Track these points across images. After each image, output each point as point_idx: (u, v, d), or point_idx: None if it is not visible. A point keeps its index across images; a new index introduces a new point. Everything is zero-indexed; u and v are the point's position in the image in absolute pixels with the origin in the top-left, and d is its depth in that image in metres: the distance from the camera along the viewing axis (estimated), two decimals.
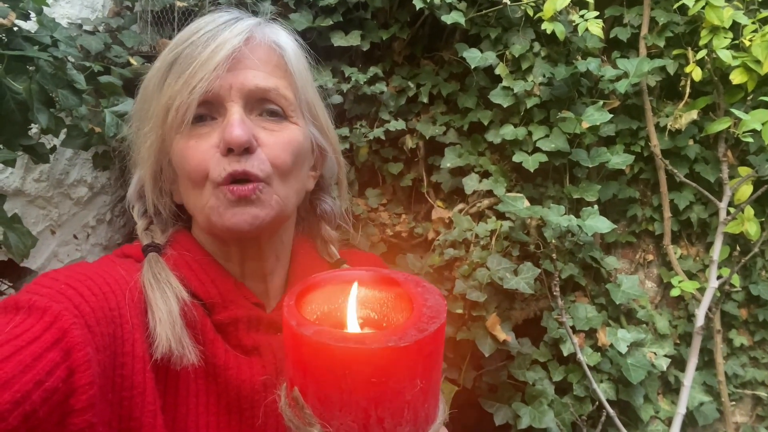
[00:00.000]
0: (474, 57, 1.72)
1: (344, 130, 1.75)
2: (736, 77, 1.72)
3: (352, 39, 1.73)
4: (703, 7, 1.72)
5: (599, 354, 1.73)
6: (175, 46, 0.69)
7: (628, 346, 1.71)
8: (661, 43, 1.87)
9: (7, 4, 0.96)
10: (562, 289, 1.76)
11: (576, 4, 1.82)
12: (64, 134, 1.19)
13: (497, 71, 1.76)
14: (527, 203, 1.67)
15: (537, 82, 1.75)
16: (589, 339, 1.76)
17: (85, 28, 1.55)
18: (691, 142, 1.91)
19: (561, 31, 1.69)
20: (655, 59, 1.81)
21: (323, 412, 0.48)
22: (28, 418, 0.47)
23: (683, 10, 1.83)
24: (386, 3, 1.76)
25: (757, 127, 1.56)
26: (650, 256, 2.00)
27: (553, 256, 1.67)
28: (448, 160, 1.80)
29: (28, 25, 1.04)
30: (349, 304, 0.56)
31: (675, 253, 1.95)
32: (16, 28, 0.98)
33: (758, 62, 1.68)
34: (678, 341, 1.94)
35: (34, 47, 1.00)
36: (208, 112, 0.68)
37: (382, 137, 1.77)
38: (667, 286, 1.95)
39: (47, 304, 0.54)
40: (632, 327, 1.82)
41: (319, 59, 0.86)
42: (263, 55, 0.70)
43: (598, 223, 1.60)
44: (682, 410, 1.69)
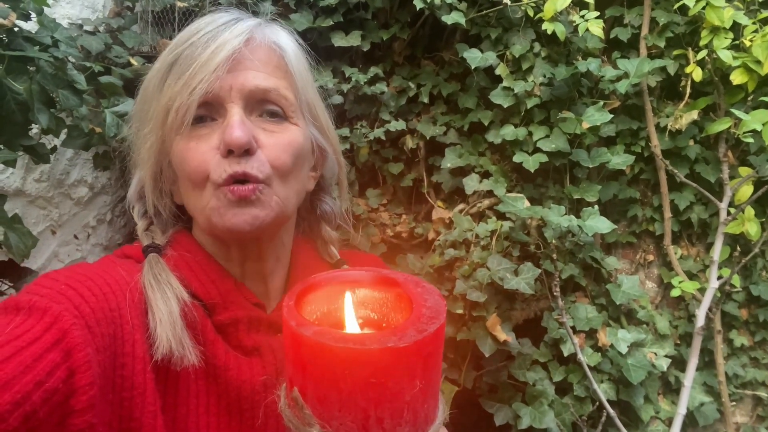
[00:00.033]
0: (474, 57, 1.72)
1: (345, 131, 1.75)
2: (737, 77, 1.72)
3: (353, 39, 1.73)
4: (704, 8, 1.72)
5: (599, 354, 1.73)
6: (175, 46, 0.69)
7: (628, 347, 1.71)
8: (662, 44, 1.87)
9: (8, 5, 0.96)
10: (562, 290, 1.76)
11: (576, 4, 1.82)
12: (64, 134, 1.19)
13: (498, 71, 1.76)
14: (527, 203, 1.67)
15: (537, 83, 1.75)
16: (590, 339, 1.76)
17: (85, 28, 1.55)
18: (692, 143, 1.91)
19: (561, 32, 1.69)
20: (655, 59, 1.81)
21: (323, 412, 0.48)
22: (28, 419, 0.47)
23: (684, 10, 1.83)
24: (387, 3, 1.76)
25: (758, 128, 1.56)
26: (651, 257, 2.00)
27: (554, 256, 1.67)
28: (449, 161, 1.80)
29: (29, 26, 1.04)
30: (346, 309, 0.56)
31: (675, 254, 1.95)
32: (17, 29, 0.98)
33: (759, 62, 1.68)
34: (678, 341, 1.94)
35: (35, 47, 1.00)
36: (208, 113, 0.68)
37: (383, 137, 1.77)
38: (668, 286, 1.95)
39: (47, 304, 0.54)
40: (632, 327, 1.82)
41: (320, 59, 0.86)
42: (263, 56, 0.70)
43: (599, 224, 1.60)
44: (682, 410, 1.69)
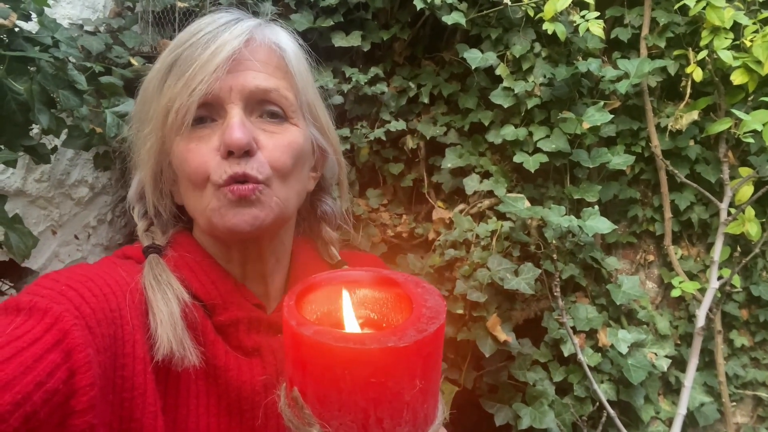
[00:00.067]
0: (475, 57, 1.73)
1: (345, 131, 1.75)
2: (737, 78, 1.72)
3: (353, 39, 1.73)
4: (704, 8, 1.72)
5: (600, 354, 1.73)
6: (175, 47, 0.68)
7: (628, 347, 1.71)
8: (662, 44, 1.88)
9: (8, 5, 0.96)
10: (562, 290, 1.76)
11: (577, 4, 1.82)
12: (65, 135, 1.19)
13: (498, 72, 1.76)
14: (528, 204, 1.67)
15: (538, 83, 1.75)
16: (590, 339, 1.76)
17: (86, 28, 1.55)
18: (692, 143, 1.91)
19: (562, 32, 1.69)
20: (655, 60, 1.81)
21: (322, 412, 0.48)
22: (28, 420, 0.47)
23: (684, 10, 1.83)
24: (387, 3, 1.76)
25: (758, 128, 1.56)
26: (651, 257, 2.00)
27: (554, 256, 1.67)
28: (449, 161, 1.80)
29: (30, 26, 1.04)
30: (344, 307, 0.56)
31: (676, 254, 1.95)
32: (18, 29, 0.98)
33: (759, 63, 1.68)
34: (679, 342, 1.94)
35: (35, 48, 1.00)
36: (208, 114, 0.68)
37: (383, 138, 1.77)
38: (668, 286, 1.95)
39: (48, 305, 0.54)
40: (633, 327, 1.82)
41: (320, 60, 0.86)
42: (263, 57, 0.70)
43: (599, 224, 1.60)
44: (682, 411, 1.69)
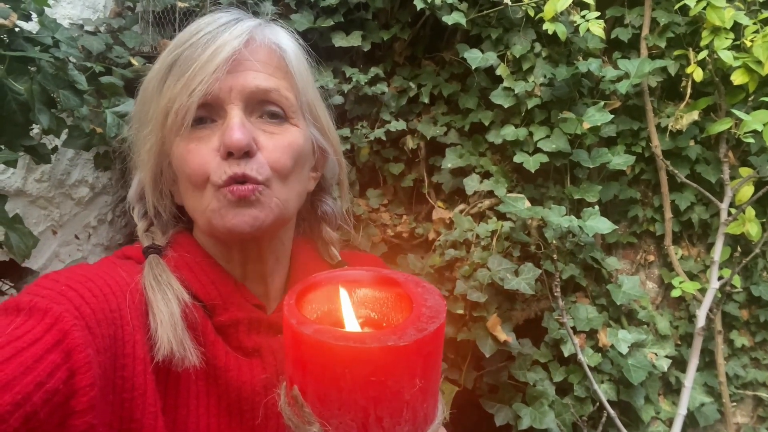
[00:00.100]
0: (475, 57, 1.73)
1: (345, 131, 1.75)
2: (737, 78, 1.72)
3: (353, 39, 1.73)
4: (705, 8, 1.72)
5: (600, 355, 1.73)
6: (175, 47, 0.68)
7: (628, 347, 1.71)
8: (662, 44, 1.87)
9: (9, 5, 0.97)
10: (562, 290, 1.76)
11: (577, 4, 1.82)
12: (65, 135, 1.19)
13: (498, 72, 1.76)
14: (528, 204, 1.67)
15: (538, 83, 1.75)
16: (590, 340, 1.76)
17: (86, 28, 1.55)
18: (692, 143, 1.91)
19: (562, 32, 1.69)
20: (656, 60, 1.81)
21: (322, 410, 0.48)
22: (28, 420, 0.47)
23: (684, 10, 1.83)
24: (387, 3, 1.76)
25: (758, 128, 1.56)
26: (651, 257, 2.00)
27: (554, 256, 1.67)
28: (449, 161, 1.80)
29: (30, 26, 1.04)
30: (343, 306, 0.56)
31: (676, 254, 1.95)
32: (18, 29, 0.98)
33: (759, 63, 1.68)
34: (679, 342, 1.94)
35: (36, 48, 1.00)
36: (208, 115, 0.67)
37: (383, 138, 1.77)
38: (668, 286, 1.95)
39: (48, 305, 0.54)
40: (633, 328, 1.82)
41: (320, 60, 0.86)
42: (264, 57, 0.69)
43: (599, 224, 1.60)
44: (682, 411, 1.69)
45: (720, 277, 1.79)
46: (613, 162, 1.78)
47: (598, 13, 1.72)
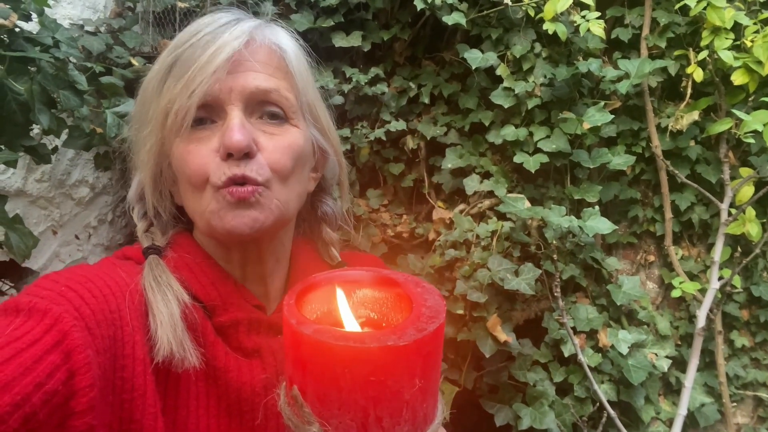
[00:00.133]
0: (475, 58, 1.73)
1: (345, 131, 1.75)
2: (738, 78, 1.72)
3: (353, 40, 1.73)
4: (705, 8, 1.72)
5: (600, 355, 1.73)
6: (174, 48, 0.68)
7: (629, 347, 1.71)
8: (663, 44, 1.87)
9: (9, 5, 0.97)
10: (563, 290, 1.76)
11: (577, 4, 1.82)
12: (65, 135, 1.19)
13: (498, 72, 1.76)
14: (528, 204, 1.67)
15: (538, 83, 1.75)
16: (590, 340, 1.76)
17: (86, 28, 1.55)
18: (693, 143, 1.91)
19: (562, 32, 1.69)
20: (656, 60, 1.81)
21: (322, 410, 0.48)
22: (28, 421, 0.47)
23: (685, 10, 1.83)
24: (387, 4, 1.76)
25: (759, 128, 1.56)
26: (651, 257, 2.00)
27: (554, 256, 1.67)
28: (449, 161, 1.80)
29: (30, 26, 1.05)
30: (340, 305, 0.56)
31: (676, 254, 1.95)
32: (18, 29, 0.98)
33: (760, 63, 1.68)
34: (679, 342, 1.94)
35: (36, 48, 1.00)
36: (208, 116, 0.67)
37: (383, 138, 1.77)
38: (669, 287, 1.95)
39: (48, 306, 0.54)
40: (633, 328, 1.81)
41: (320, 60, 0.86)
42: (264, 57, 0.69)
43: (599, 224, 1.60)
44: (683, 411, 1.69)
45: (720, 278, 1.79)
46: (613, 162, 1.78)
47: (598, 13, 1.72)
